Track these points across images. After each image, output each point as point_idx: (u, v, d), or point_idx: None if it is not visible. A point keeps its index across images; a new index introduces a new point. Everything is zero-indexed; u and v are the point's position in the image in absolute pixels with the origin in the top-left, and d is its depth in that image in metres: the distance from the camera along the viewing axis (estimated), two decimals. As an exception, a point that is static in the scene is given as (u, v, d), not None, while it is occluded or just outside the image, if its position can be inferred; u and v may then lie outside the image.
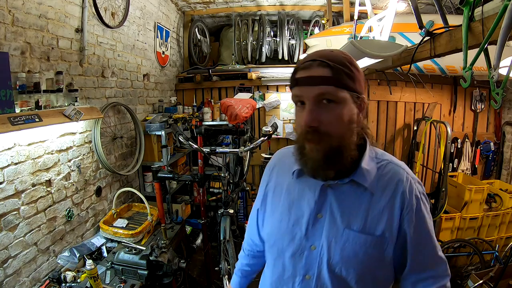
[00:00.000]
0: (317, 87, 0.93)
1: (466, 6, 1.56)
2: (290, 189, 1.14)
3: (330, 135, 0.94)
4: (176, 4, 5.03)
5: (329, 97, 0.93)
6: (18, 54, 2.09)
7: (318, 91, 0.93)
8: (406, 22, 3.23)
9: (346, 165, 1.00)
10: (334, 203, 1.04)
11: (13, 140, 2.05)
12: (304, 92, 0.96)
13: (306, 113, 0.94)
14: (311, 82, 0.94)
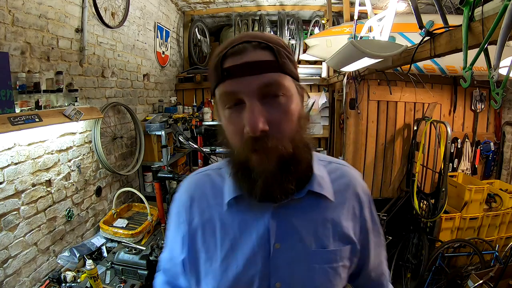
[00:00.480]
0: (260, 76, 0.71)
1: (466, 6, 1.56)
2: (227, 225, 0.85)
3: (283, 139, 0.73)
4: (176, 4, 5.03)
5: (275, 89, 0.72)
6: (18, 54, 2.09)
7: (262, 82, 0.71)
8: (406, 22, 3.23)
9: (304, 172, 0.83)
10: (293, 225, 0.83)
11: (13, 140, 2.05)
12: (242, 85, 0.71)
13: (250, 114, 0.70)
14: (250, 70, 0.71)
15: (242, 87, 0.71)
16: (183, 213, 0.92)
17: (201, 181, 0.95)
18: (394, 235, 3.80)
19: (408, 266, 3.80)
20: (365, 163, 4.29)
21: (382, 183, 4.36)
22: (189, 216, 0.91)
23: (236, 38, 0.76)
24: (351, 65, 2.79)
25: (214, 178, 0.93)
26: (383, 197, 4.33)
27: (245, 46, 0.72)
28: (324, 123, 5.48)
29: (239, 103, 0.72)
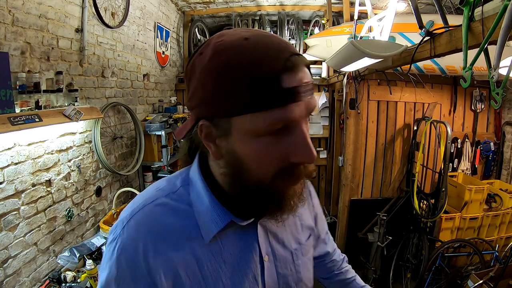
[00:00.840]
0: (313, 98, 0.62)
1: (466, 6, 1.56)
2: (210, 259, 0.71)
3: None
4: (176, 4, 5.03)
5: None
6: (18, 54, 2.09)
7: (315, 104, 0.63)
8: (406, 22, 3.23)
9: None
10: (274, 233, 0.82)
11: (13, 140, 2.05)
12: (301, 111, 0.59)
13: (306, 142, 0.61)
14: (310, 91, 0.61)
15: (302, 112, 0.59)
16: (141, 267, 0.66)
17: (155, 217, 0.70)
18: (394, 235, 3.80)
19: (408, 266, 3.80)
20: (365, 163, 4.29)
21: (382, 183, 4.36)
22: (150, 270, 0.66)
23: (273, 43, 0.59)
24: (351, 65, 2.79)
25: (175, 207, 0.72)
26: (383, 197, 4.33)
27: (298, 59, 0.59)
28: (324, 123, 5.48)
29: (283, 130, 0.60)
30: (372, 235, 3.87)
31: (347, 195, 4.21)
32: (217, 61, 0.58)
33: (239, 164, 0.64)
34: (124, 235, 0.68)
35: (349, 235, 4.23)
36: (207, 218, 0.70)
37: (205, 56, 0.60)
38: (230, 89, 0.57)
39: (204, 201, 0.71)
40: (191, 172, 0.76)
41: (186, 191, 0.74)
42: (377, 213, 3.86)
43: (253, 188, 0.65)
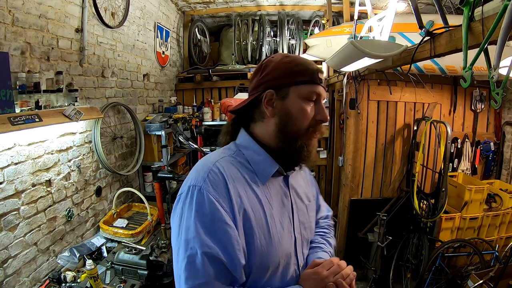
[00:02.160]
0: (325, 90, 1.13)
1: (466, 6, 1.56)
2: (263, 198, 1.05)
3: None
4: (176, 4, 5.03)
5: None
6: (18, 54, 2.09)
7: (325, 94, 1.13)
8: (406, 22, 3.23)
9: None
10: (294, 188, 1.18)
11: (13, 140, 2.05)
12: (324, 93, 1.09)
13: (324, 111, 1.08)
14: (324, 85, 1.10)
15: (324, 93, 1.10)
16: (223, 201, 0.96)
17: (229, 164, 1.05)
18: (394, 235, 3.80)
19: (408, 266, 3.80)
20: (365, 163, 4.29)
21: (382, 183, 4.36)
22: (231, 201, 0.97)
23: (310, 60, 1.11)
24: (351, 65, 2.79)
25: (239, 161, 1.07)
26: (383, 197, 4.33)
27: (318, 69, 1.09)
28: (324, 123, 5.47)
29: (313, 102, 1.08)
30: (372, 235, 3.87)
31: (347, 195, 4.21)
32: (286, 60, 1.07)
33: (289, 117, 1.05)
34: (211, 173, 1.00)
35: (349, 235, 4.23)
36: (263, 167, 1.08)
37: (276, 59, 1.09)
38: (293, 72, 1.05)
39: (260, 155, 1.09)
40: (239, 141, 1.14)
41: (241, 152, 1.11)
42: (377, 213, 3.86)
43: (294, 135, 1.06)
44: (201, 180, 0.97)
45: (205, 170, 1.00)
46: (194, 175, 1.01)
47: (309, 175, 1.37)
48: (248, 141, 1.12)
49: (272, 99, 1.07)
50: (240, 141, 1.14)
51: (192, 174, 1.03)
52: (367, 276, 4.09)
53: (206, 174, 0.99)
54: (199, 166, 1.05)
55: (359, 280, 4.18)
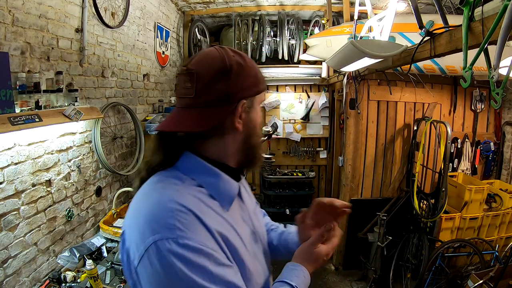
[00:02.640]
0: None
1: (466, 6, 1.56)
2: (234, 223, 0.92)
3: None
4: (176, 4, 5.03)
5: None
6: (18, 54, 2.09)
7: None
8: (406, 22, 3.23)
9: None
10: (244, 197, 1.07)
11: (13, 140, 2.05)
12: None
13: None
14: None
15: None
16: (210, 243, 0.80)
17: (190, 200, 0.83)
18: (394, 235, 3.80)
19: (408, 266, 3.80)
20: (365, 163, 4.29)
21: (382, 183, 4.36)
22: (216, 239, 0.82)
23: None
24: (351, 65, 2.80)
25: (196, 191, 0.88)
26: (383, 197, 4.33)
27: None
28: (324, 123, 5.49)
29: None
30: (372, 235, 3.88)
31: (347, 195, 4.22)
32: (251, 64, 0.94)
33: (253, 130, 0.96)
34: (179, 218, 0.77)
35: (349, 235, 4.23)
36: (224, 190, 0.93)
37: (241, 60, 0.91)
38: (259, 79, 0.96)
39: (217, 178, 0.92)
40: (184, 167, 0.93)
41: (192, 179, 0.90)
42: (377, 213, 3.86)
43: (256, 146, 0.99)
44: (169, 228, 0.75)
45: (166, 213, 0.77)
46: (149, 225, 0.76)
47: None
48: (199, 165, 0.92)
49: (244, 111, 0.92)
50: (186, 166, 0.93)
51: (145, 224, 0.77)
52: (367, 276, 4.09)
53: (174, 218, 0.76)
54: (151, 210, 0.79)
55: (359, 280, 4.19)
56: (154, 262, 0.73)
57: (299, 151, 5.61)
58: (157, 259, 0.72)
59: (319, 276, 4.29)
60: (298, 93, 5.52)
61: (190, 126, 0.88)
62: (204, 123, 0.87)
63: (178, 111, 0.94)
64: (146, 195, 0.87)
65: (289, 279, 0.95)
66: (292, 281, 0.94)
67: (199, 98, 0.88)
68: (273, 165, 5.36)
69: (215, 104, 0.88)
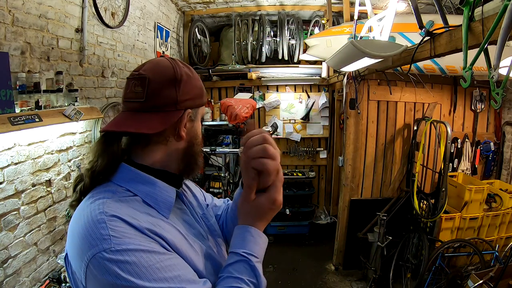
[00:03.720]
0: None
1: (466, 6, 1.56)
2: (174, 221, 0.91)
3: None
4: (176, 4, 5.03)
5: None
6: (18, 54, 2.09)
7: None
8: (406, 22, 3.23)
9: None
10: (189, 201, 1.07)
11: (13, 140, 2.05)
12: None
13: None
14: None
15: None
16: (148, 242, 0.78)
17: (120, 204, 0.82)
18: (394, 235, 3.80)
19: (408, 266, 3.80)
20: (365, 163, 4.29)
21: (382, 183, 4.37)
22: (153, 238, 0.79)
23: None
24: (351, 65, 2.80)
25: (128, 200, 0.85)
26: (383, 197, 4.33)
27: None
28: (324, 123, 5.49)
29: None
30: (372, 235, 3.88)
31: (347, 195, 4.22)
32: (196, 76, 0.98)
33: (195, 139, 0.99)
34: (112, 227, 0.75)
35: (349, 235, 4.24)
36: (161, 197, 0.90)
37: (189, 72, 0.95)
38: (203, 92, 1.00)
39: (153, 186, 0.90)
40: (118, 178, 0.90)
41: (126, 189, 0.87)
42: (377, 213, 3.86)
43: (197, 156, 1.00)
44: (104, 239, 0.73)
45: (99, 225, 0.75)
46: (85, 241, 0.74)
47: (190, 183, 1.18)
48: (134, 174, 0.90)
49: (188, 121, 0.95)
50: (121, 177, 0.90)
51: (82, 242, 0.75)
52: (367, 276, 4.10)
53: (106, 228, 0.74)
54: (84, 226, 0.77)
55: (359, 280, 4.19)
56: (98, 275, 0.71)
57: (299, 151, 5.61)
58: (99, 271, 0.71)
59: (319, 276, 4.29)
60: (298, 93, 5.51)
61: (138, 128, 0.87)
62: (152, 126, 0.87)
63: (125, 115, 0.91)
64: (79, 215, 0.82)
65: (236, 247, 0.88)
66: (240, 248, 0.87)
67: (148, 102, 0.88)
68: (273, 165, 5.35)
69: (163, 109, 0.89)
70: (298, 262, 4.60)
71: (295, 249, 4.93)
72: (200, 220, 1.05)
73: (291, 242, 5.07)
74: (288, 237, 5.11)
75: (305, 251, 4.92)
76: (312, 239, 5.21)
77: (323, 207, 5.70)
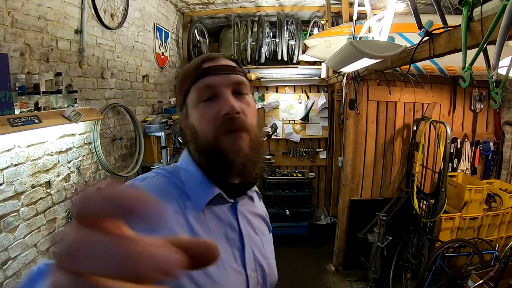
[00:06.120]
0: (233, 75, 0.85)
1: (465, 6, 1.57)
2: (197, 228, 0.81)
3: (252, 127, 0.85)
4: (175, 5, 5.03)
5: (243, 88, 0.87)
6: (18, 56, 2.09)
7: (235, 79, 0.85)
8: (405, 23, 3.23)
9: (258, 171, 0.89)
10: (246, 217, 0.93)
11: (13, 141, 2.05)
12: (220, 79, 0.83)
13: (227, 99, 0.82)
14: (225, 70, 0.85)
15: (220, 80, 0.83)
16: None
17: (158, 184, 0.84)
18: (394, 235, 3.80)
19: (408, 266, 3.80)
20: (365, 163, 4.29)
21: (381, 183, 4.37)
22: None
23: (204, 54, 0.90)
24: (350, 65, 2.80)
25: (173, 181, 0.85)
26: (383, 197, 4.33)
27: (218, 55, 0.88)
28: (323, 124, 5.49)
29: (213, 98, 0.83)
30: (372, 236, 3.88)
31: (347, 196, 4.22)
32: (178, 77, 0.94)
33: (194, 132, 0.85)
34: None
35: (349, 236, 4.23)
36: (198, 191, 0.84)
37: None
38: (182, 82, 0.88)
39: (196, 178, 0.86)
40: (179, 163, 0.92)
41: (178, 173, 0.88)
42: (377, 213, 3.86)
43: (205, 147, 0.83)
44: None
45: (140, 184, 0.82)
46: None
47: (263, 206, 1.07)
48: (188, 162, 0.89)
49: (183, 120, 0.91)
50: (180, 162, 0.92)
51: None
52: (367, 277, 4.09)
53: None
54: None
55: (359, 280, 4.19)
56: None
57: (299, 151, 5.61)
58: None
59: (319, 276, 4.29)
60: (297, 94, 5.52)
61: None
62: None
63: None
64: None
65: None
66: None
67: None
68: (272, 166, 5.36)
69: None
70: (298, 263, 4.60)
71: (295, 250, 4.92)
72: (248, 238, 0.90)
73: (291, 243, 5.06)
74: (288, 238, 5.10)
75: (305, 252, 4.92)
76: (312, 239, 5.21)
77: (323, 207, 5.70)
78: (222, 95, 0.83)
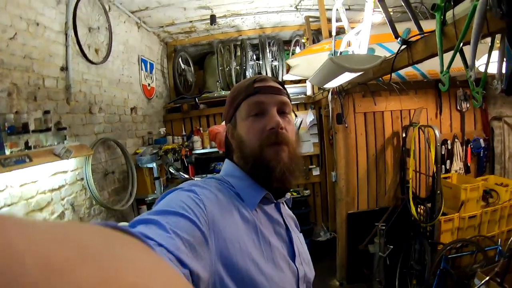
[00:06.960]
0: (280, 96, 0.99)
1: (438, 11, 1.62)
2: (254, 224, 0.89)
3: (292, 141, 0.96)
4: (158, 36, 5.11)
5: (286, 107, 1.00)
6: (5, 96, 2.10)
7: (280, 99, 0.98)
8: (384, 33, 3.29)
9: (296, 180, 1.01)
10: (287, 217, 1.03)
11: (5, 182, 2.03)
12: (268, 99, 0.96)
13: (274, 116, 0.94)
14: (273, 91, 0.98)
15: (269, 99, 0.96)
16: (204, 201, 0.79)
17: (216, 186, 0.91)
18: (395, 244, 3.78)
19: (413, 273, 3.76)
20: (358, 175, 4.31)
21: (377, 194, 4.37)
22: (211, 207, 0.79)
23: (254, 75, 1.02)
24: (333, 81, 2.84)
25: (226, 187, 0.95)
26: (379, 207, 4.32)
27: (267, 78, 1.02)
28: (314, 141, 5.51)
29: (261, 114, 0.95)
30: (373, 246, 3.85)
31: (343, 210, 4.20)
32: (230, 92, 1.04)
33: (241, 142, 0.97)
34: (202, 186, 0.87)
35: (350, 249, 4.20)
36: (249, 192, 0.94)
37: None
38: (233, 98, 1.01)
39: (244, 181, 0.96)
40: (223, 172, 1.04)
41: (227, 179, 0.98)
42: (375, 223, 3.85)
43: (251, 155, 0.94)
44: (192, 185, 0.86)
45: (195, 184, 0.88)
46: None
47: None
48: (233, 169, 1.01)
49: (230, 130, 1.03)
50: (223, 172, 1.04)
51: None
52: (373, 289, 4.05)
53: (200, 185, 0.87)
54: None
55: (365, 293, 4.13)
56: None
57: (292, 170, 5.60)
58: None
59: (325, 293, 4.22)
60: (285, 113, 5.54)
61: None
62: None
63: None
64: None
65: None
66: None
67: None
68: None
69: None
70: (303, 282, 4.52)
71: (299, 269, 4.83)
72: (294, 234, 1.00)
73: (294, 262, 4.98)
74: (290, 257, 5.02)
75: (309, 270, 4.83)
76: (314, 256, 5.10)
77: (321, 223, 5.66)
78: (269, 112, 0.95)
